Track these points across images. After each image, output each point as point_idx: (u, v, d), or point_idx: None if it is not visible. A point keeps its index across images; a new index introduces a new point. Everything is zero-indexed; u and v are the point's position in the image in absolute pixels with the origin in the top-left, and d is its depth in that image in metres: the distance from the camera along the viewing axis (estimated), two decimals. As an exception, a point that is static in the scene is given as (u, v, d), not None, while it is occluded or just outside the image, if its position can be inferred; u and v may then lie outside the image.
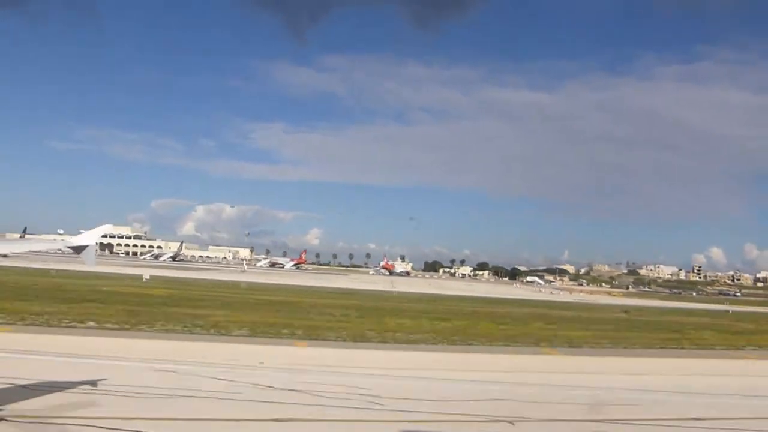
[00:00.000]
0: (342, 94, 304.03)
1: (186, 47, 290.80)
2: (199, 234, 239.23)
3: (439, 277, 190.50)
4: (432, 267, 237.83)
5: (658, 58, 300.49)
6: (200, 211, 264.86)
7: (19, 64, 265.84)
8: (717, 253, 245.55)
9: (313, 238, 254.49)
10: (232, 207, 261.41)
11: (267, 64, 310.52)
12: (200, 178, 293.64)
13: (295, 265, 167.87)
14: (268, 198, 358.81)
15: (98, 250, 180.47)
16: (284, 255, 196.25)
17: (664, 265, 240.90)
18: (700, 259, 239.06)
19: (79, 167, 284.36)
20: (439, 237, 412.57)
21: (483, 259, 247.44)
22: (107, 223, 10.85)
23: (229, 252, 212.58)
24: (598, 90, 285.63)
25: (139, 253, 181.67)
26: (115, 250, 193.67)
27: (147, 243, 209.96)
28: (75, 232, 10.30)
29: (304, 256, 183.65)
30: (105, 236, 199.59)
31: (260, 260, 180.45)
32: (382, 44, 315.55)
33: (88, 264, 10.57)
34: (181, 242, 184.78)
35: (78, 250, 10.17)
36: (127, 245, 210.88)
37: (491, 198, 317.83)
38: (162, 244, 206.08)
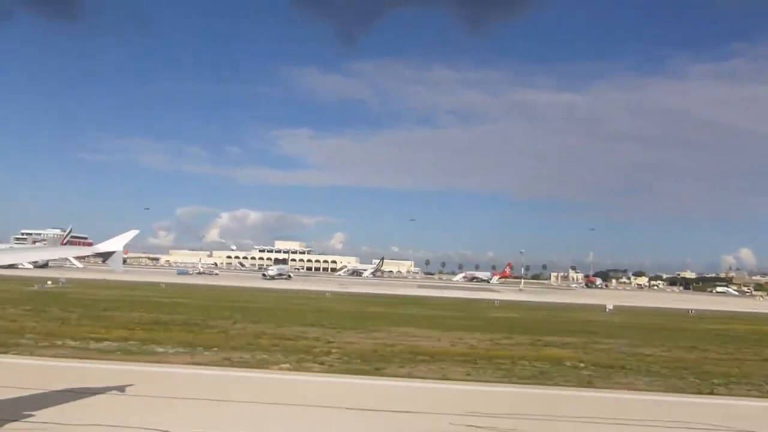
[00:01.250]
0: (368, 99, 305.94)
1: (213, 57, 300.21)
2: (223, 240, 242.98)
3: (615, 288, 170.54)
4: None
5: (690, 57, 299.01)
6: (225, 217, 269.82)
7: (50, 77, 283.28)
8: (746, 253, 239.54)
9: (337, 242, 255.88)
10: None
11: (294, 70, 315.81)
12: (225, 185, 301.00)
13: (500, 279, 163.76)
14: (293, 203, 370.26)
15: (242, 264, 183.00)
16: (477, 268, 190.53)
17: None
18: (729, 260, 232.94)
19: (107, 177, 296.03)
20: (463, 240, 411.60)
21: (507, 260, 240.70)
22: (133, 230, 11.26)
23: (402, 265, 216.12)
24: (628, 90, 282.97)
25: (319, 269, 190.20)
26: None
27: (321, 258, 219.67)
28: (101, 240, 10.80)
29: (508, 270, 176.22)
30: (279, 251, 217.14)
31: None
32: (427, 48, 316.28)
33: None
34: (382, 258, 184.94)
35: (105, 256, 10.53)
36: (301, 260, 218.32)
37: (517, 200, 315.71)
38: (337, 258, 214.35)
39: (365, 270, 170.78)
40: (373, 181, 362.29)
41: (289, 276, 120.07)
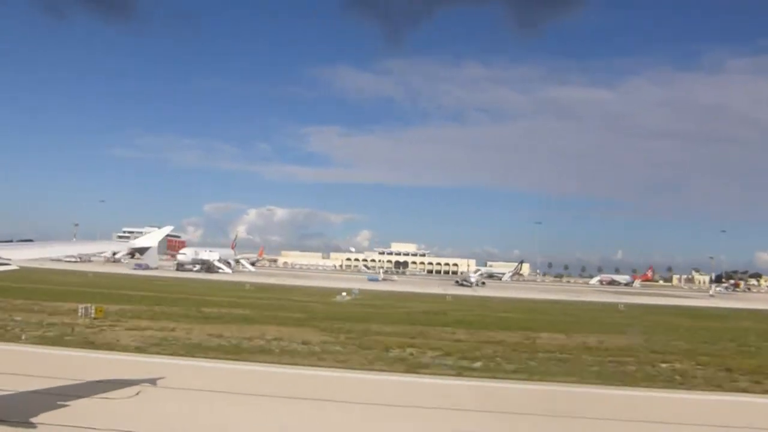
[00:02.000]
0: (399, 96, 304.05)
1: (247, 56, 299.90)
2: (251, 237, 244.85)
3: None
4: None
5: (726, 52, 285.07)
6: (252, 214, 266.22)
7: (85, 74, 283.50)
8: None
9: (364, 239, 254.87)
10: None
11: (326, 68, 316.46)
12: (254, 182, 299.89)
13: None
14: (320, 200, 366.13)
15: (392, 270, 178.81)
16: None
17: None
18: (764, 257, 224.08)
19: (139, 174, 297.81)
20: (491, 238, 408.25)
21: (538, 258, 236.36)
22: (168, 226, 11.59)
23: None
24: (662, 85, 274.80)
25: (440, 272, 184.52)
26: (410, 269, 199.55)
27: (441, 260, 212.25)
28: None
29: (650, 273, 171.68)
30: (399, 254, 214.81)
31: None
32: (458, 46, 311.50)
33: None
34: (521, 261, 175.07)
35: (141, 251, 11.12)
36: (422, 263, 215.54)
37: (545, 197, 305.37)
38: (458, 261, 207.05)
39: (503, 273, 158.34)
40: (399, 178, 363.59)
41: (484, 282, 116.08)
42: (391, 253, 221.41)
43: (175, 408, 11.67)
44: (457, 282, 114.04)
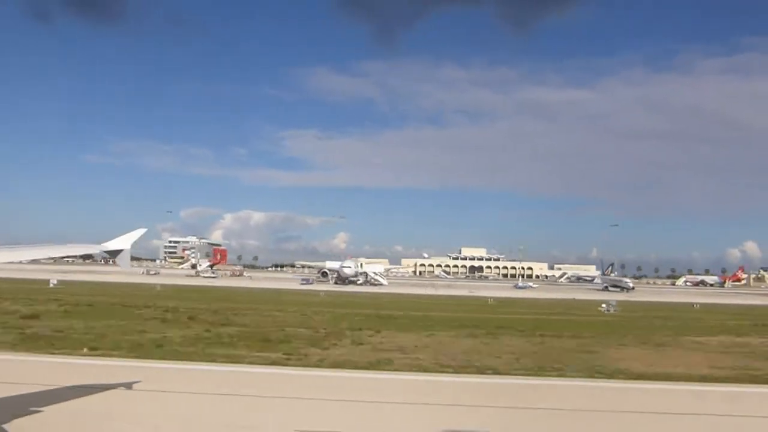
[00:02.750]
0: (377, 99, 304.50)
1: (221, 58, 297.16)
2: (227, 242, 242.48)
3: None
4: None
5: (701, 52, 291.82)
6: (228, 219, 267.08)
7: (53, 79, 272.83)
8: (751, 247, 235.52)
9: (341, 242, 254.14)
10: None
11: (302, 71, 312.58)
12: (230, 186, 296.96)
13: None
14: (297, 204, 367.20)
15: (447, 273, 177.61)
16: None
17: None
18: (734, 253, 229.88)
19: (112, 179, 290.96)
20: (471, 238, 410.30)
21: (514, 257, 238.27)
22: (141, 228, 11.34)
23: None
24: (638, 85, 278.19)
25: (515, 275, 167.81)
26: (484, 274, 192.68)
27: (515, 264, 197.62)
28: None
29: (740, 273, 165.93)
30: (472, 258, 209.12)
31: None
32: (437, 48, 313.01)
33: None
34: (611, 264, 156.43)
35: (113, 254, 10.63)
36: (497, 267, 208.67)
37: (524, 198, 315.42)
38: (533, 265, 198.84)
39: (592, 277, 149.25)
40: (376, 180, 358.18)
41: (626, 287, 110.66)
42: (464, 258, 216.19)
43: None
44: (606, 287, 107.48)
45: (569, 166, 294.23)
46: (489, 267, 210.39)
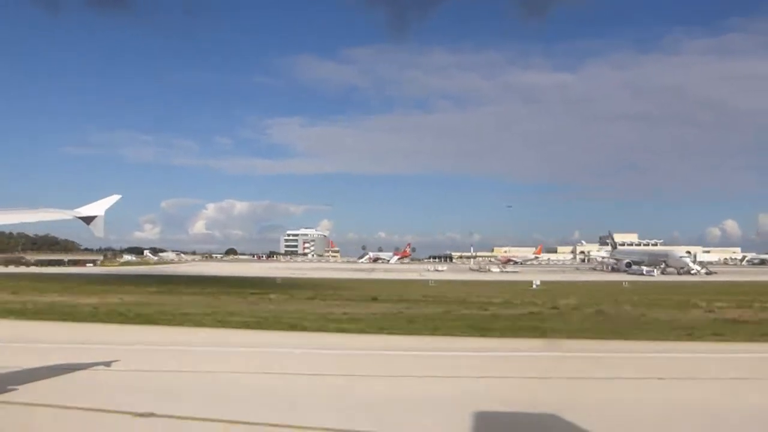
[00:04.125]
0: (363, 85, 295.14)
1: (204, 47, 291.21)
2: (210, 232, 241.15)
3: None
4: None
5: (685, 33, 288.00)
6: (211, 209, 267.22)
7: (33, 69, 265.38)
8: (731, 225, 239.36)
9: (324, 229, 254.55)
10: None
11: (288, 59, 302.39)
12: (213, 176, 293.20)
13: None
14: (282, 192, 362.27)
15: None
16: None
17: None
18: (714, 232, 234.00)
19: (92, 171, 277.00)
20: (453, 224, 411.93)
21: (496, 243, 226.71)
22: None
23: None
24: (623, 68, 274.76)
25: None
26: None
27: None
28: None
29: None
30: (622, 244, 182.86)
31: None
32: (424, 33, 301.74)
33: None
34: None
35: (87, 220, 10.45)
36: None
37: (508, 182, 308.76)
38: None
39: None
40: (359, 167, 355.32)
41: None
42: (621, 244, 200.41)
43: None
44: None
45: (546, 150, 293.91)
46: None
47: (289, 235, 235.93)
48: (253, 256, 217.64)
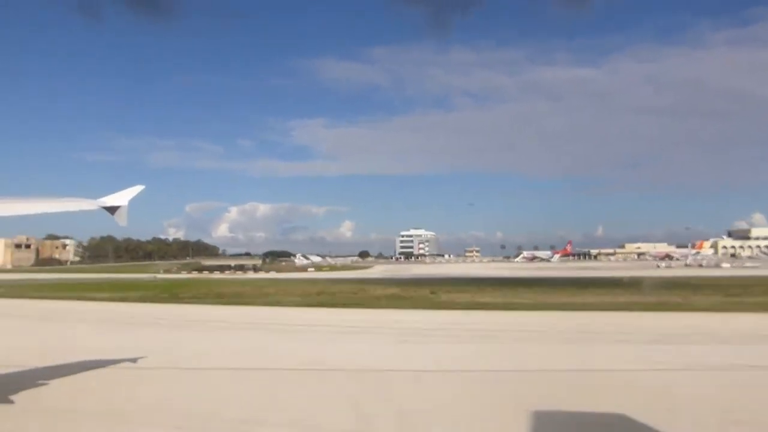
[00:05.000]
0: (384, 85, 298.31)
1: (225, 51, 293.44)
2: (233, 235, 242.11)
3: None
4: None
5: (709, 25, 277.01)
6: (234, 212, 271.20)
7: (56, 76, 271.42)
8: (759, 218, 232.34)
9: (346, 230, 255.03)
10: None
11: (310, 60, 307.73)
12: (236, 179, 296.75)
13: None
14: (303, 194, 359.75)
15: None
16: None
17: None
18: (741, 225, 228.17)
19: (117, 177, 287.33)
20: (475, 222, 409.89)
21: (519, 240, 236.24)
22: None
23: None
24: (647, 62, 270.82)
25: None
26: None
27: None
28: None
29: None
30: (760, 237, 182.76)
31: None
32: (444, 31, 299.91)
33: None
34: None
35: (112, 210, 10.35)
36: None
37: (530, 179, 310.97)
38: None
39: None
40: (382, 167, 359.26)
41: None
42: (756, 238, 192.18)
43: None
44: None
45: (568, 145, 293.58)
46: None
47: (403, 235, 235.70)
48: (392, 258, 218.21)
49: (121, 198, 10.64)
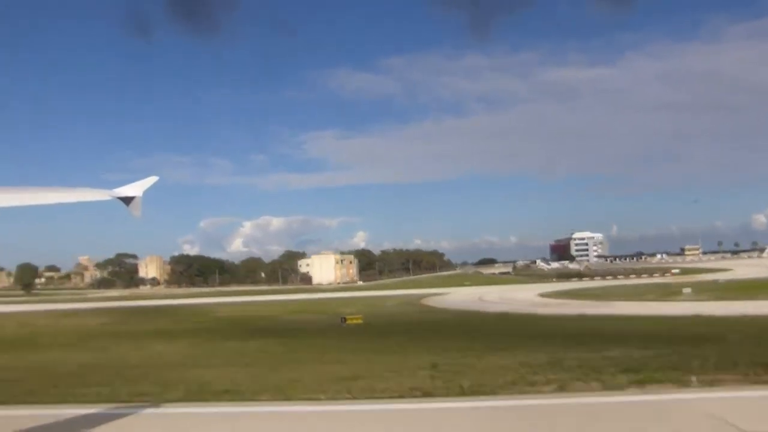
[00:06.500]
0: (397, 94, 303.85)
1: (235, 66, 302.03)
2: (247, 249, 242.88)
3: None
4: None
5: (724, 19, 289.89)
6: (247, 226, 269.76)
7: (69, 98, 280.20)
8: None
9: (360, 240, 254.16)
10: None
11: (321, 71, 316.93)
12: (248, 193, 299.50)
13: None
14: (317, 206, 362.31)
15: None
16: None
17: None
18: (760, 219, 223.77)
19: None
20: (487, 228, 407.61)
21: (534, 243, 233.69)
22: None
23: None
24: (661, 58, 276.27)
25: None
26: None
27: None
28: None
29: None
30: None
31: None
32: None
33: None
34: None
35: (126, 201, 10.40)
36: None
37: (544, 181, 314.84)
38: None
39: None
40: (393, 176, 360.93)
41: None
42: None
43: None
44: None
45: (583, 145, 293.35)
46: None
47: (577, 239, 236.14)
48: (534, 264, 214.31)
49: (136, 189, 10.55)
